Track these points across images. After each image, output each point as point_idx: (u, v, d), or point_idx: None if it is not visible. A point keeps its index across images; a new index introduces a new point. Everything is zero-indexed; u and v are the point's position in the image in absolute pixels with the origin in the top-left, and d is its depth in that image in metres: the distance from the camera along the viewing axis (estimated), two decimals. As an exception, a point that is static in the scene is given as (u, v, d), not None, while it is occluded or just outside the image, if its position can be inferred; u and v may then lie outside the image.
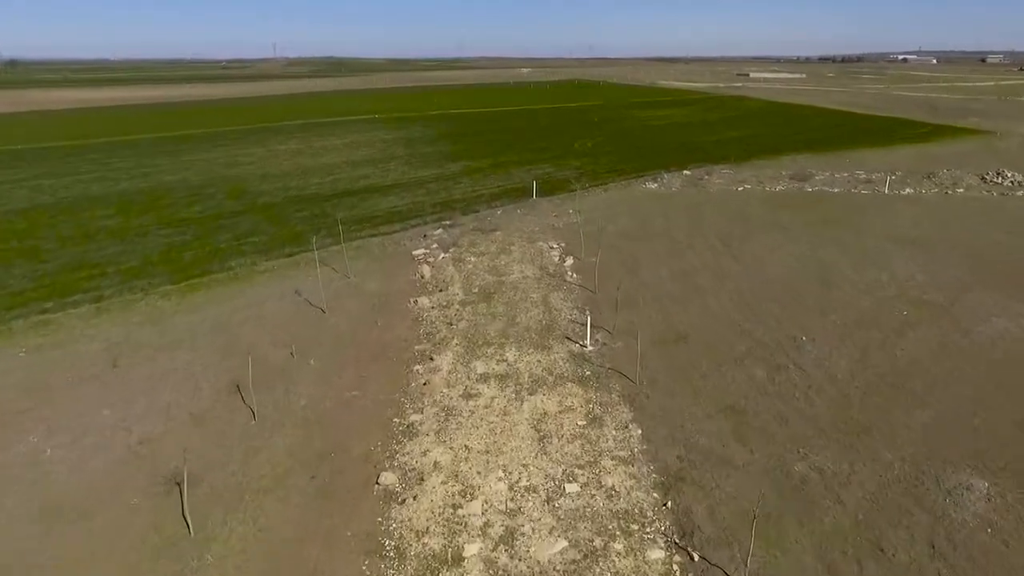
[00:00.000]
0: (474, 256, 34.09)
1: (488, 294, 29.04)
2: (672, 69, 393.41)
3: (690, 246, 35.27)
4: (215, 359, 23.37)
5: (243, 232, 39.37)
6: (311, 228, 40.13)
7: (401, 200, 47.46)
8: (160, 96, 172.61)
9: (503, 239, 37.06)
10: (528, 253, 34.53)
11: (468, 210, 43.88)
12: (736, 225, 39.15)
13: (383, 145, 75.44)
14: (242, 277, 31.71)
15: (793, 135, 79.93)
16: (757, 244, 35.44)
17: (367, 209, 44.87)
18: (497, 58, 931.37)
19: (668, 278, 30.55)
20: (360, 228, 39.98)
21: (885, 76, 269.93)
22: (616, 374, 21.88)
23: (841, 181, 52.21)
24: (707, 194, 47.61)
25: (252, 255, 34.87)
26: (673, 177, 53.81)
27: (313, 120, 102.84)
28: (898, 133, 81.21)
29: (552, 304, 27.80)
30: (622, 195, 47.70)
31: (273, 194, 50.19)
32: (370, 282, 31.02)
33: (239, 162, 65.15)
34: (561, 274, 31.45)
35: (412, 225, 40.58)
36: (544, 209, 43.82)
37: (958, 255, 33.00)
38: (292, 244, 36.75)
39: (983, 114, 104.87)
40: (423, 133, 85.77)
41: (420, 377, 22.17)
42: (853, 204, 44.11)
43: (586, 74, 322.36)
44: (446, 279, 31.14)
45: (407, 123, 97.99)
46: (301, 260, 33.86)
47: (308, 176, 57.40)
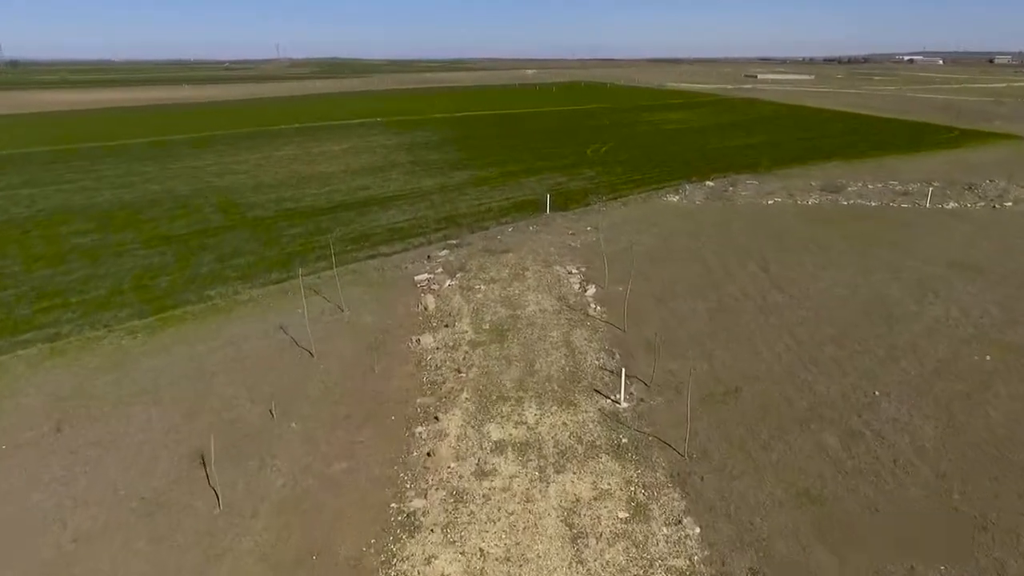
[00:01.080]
0: (484, 283, 30.37)
1: (501, 332, 25.31)
2: (677, 70, 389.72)
3: (725, 271, 31.51)
4: (180, 419, 19.67)
5: (228, 253, 35.69)
6: (303, 248, 36.45)
7: (402, 214, 43.76)
8: (157, 98, 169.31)
9: (516, 262, 33.34)
10: (544, 280, 30.80)
11: (476, 227, 40.16)
12: (772, 245, 35.40)
13: (384, 151, 71.80)
14: (221, 309, 28.01)
15: (814, 141, 76.10)
16: (799, 268, 31.68)
17: (365, 225, 41.18)
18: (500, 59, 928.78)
19: (705, 312, 26.78)
20: (357, 248, 36.28)
21: (895, 77, 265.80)
22: (659, 443, 18.14)
23: (876, 193, 48.42)
24: (735, 208, 43.84)
25: (235, 281, 31.17)
26: (695, 189, 50.03)
27: (312, 124, 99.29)
28: (925, 139, 77.33)
29: (575, 345, 24.06)
30: (643, 210, 43.94)
31: (264, 207, 46.53)
32: (366, 315, 27.32)
33: (231, 170, 61.54)
34: (583, 306, 27.71)
35: (414, 245, 36.87)
36: (559, 226, 40.09)
37: (1031, 284, 29.21)
38: (281, 268, 33.05)
39: (1007, 118, 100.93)
40: (426, 138, 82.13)
41: (423, 443, 18.48)
42: (895, 220, 40.31)
43: (590, 75, 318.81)
44: (453, 312, 27.42)
45: (409, 127, 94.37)
46: (290, 287, 30.15)
47: (303, 186, 53.76)
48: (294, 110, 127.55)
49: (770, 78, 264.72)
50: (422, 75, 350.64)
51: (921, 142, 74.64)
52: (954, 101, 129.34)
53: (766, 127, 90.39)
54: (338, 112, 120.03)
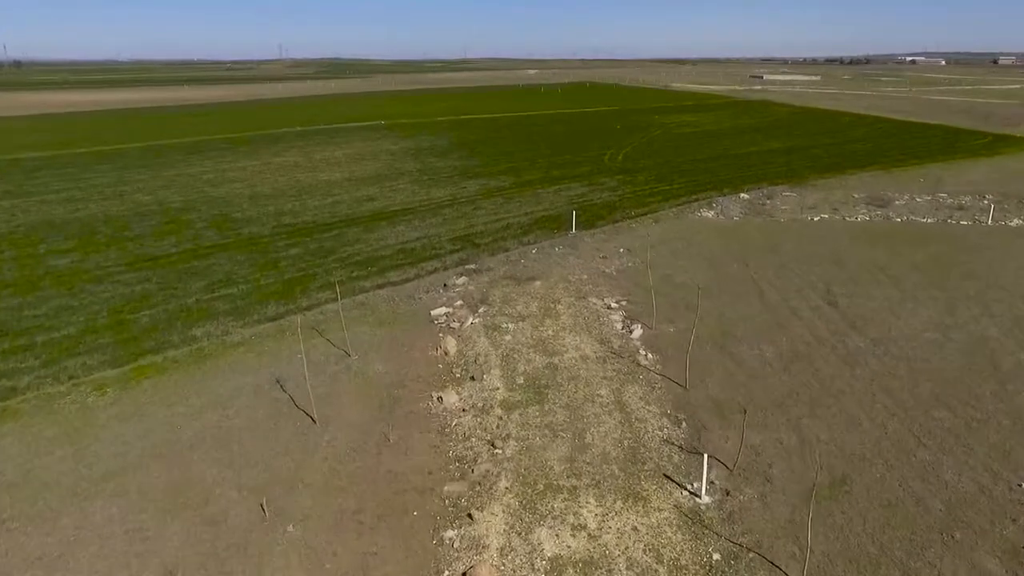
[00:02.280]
0: (511, 321, 26.30)
1: (539, 388, 21.25)
2: (681, 71, 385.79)
3: (787, 306, 27.44)
4: (149, 518, 15.63)
5: (219, 280, 31.64)
6: (303, 274, 32.40)
7: (413, 232, 39.70)
8: (157, 99, 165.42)
9: (545, 293, 29.27)
10: (581, 316, 26.74)
11: (495, 247, 36.11)
12: (832, 273, 31.35)
13: (389, 158, 67.76)
14: (208, 355, 23.94)
15: (842, 147, 72.03)
16: (872, 304, 27.62)
17: (373, 244, 37.12)
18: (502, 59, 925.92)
19: (777, 362, 22.71)
20: (364, 274, 32.22)
21: (902, 79, 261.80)
22: (764, 563, 14.06)
23: (927, 207, 44.39)
24: (779, 226, 39.77)
25: (225, 317, 27.11)
26: (730, 202, 45.97)
27: (314, 127, 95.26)
28: (958, 144, 73.27)
29: (631, 408, 20.00)
30: (678, 227, 39.87)
31: (262, 222, 42.47)
32: (377, 362, 23.27)
33: (228, 178, 57.50)
34: (631, 352, 23.64)
35: (428, 270, 32.81)
36: (588, 247, 36.03)
37: None
38: (278, 299, 28.99)
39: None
40: (433, 143, 78.10)
41: (456, 557, 14.44)
42: (962, 242, 36.27)
43: (593, 76, 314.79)
44: (479, 359, 23.36)
45: (415, 130, 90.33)
46: (288, 325, 26.11)
47: (304, 197, 49.72)
48: (295, 112, 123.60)
49: (777, 79, 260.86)
50: (424, 75, 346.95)
51: (955, 148, 70.59)
52: (976, 104, 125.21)
53: (787, 131, 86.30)
54: (340, 114, 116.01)
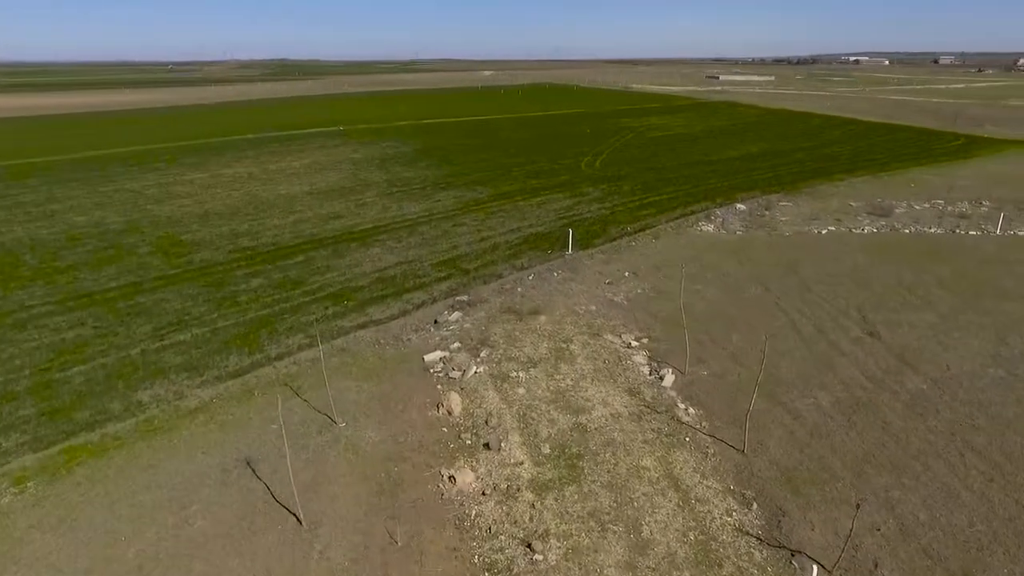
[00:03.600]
0: (521, 368, 22.60)
1: (571, 459, 17.62)
2: (636, 72, 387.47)
3: (826, 339, 24.44)
4: None
5: (169, 322, 27.10)
6: (269, 312, 28.10)
7: (390, 255, 35.63)
8: (94, 104, 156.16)
9: (553, 330, 25.64)
10: (600, 359, 23.20)
11: (486, 273, 32.34)
12: (861, 296, 28.58)
13: (353, 167, 63.25)
14: (158, 428, 19.59)
15: (821, 150, 70.48)
16: (915, 332, 24.86)
17: (346, 272, 32.94)
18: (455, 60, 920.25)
19: (838, 414, 19.57)
20: (340, 310, 28.08)
21: (853, 78, 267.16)
22: None
23: (929, 216, 42.36)
24: (786, 241, 37.02)
25: (178, 374, 22.70)
26: (728, 213, 43.15)
27: (267, 134, 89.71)
28: (934, 147, 72.52)
29: (685, 484, 16.53)
30: (680, 244, 36.74)
31: (215, 246, 37.80)
32: (369, 429, 19.31)
33: (174, 194, 52.31)
34: (667, 406, 20.22)
35: (414, 303, 28.85)
36: (589, 270, 32.57)
37: None
38: (241, 346, 24.68)
39: (996, 121, 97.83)
40: (397, 150, 73.79)
41: None
42: (977, 253, 34.06)
43: (550, 77, 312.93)
44: (491, 420, 19.61)
45: (376, 136, 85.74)
46: (256, 383, 21.91)
47: (262, 214, 45.06)
48: (245, 117, 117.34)
49: (733, 79, 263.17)
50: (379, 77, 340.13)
51: (932, 151, 69.72)
52: (943, 105, 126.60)
53: (761, 134, 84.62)
54: (295, 119, 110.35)
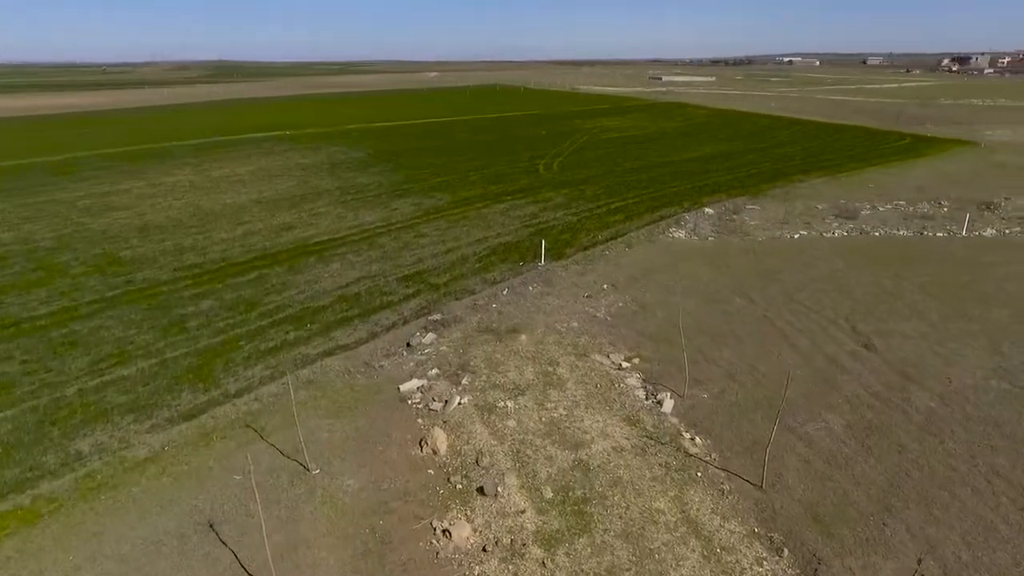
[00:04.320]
0: (507, 397, 20.82)
1: (577, 505, 15.94)
2: (580, 73, 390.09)
3: (823, 355, 23.48)
4: None
5: (109, 353, 24.29)
6: (223, 338, 25.56)
7: (351, 270, 33.33)
8: (17, 108, 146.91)
9: (536, 351, 23.95)
10: (591, 384, 21.62)
11: (457, 289, 30.41)
12: (844, 304, 27.91)
13: (302, 173, 60.26)
14: (102, 484, 17.05)
15: (774, 151, 71.00)
16: (908, 343, 24.17)
17: (305, 291, 30.52)
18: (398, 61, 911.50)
19: (851, 439, 18.48)
20: (303, 335, 25.74)
21: (790, 79, 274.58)
22: None
23: (894, 218, 42.48)
24: (761, 247, 36.29)
25: (123, 417, 20.08)
26: (697, 218, 42.31)
27: (208, 139, 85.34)
28: (883, 146, 73.95)
29: (706, 529, 15.07)
30: (654, 252, 35.57)
31: (159, 264, 34.78)
32: (347, 475, 17.22)
33: (110, 205, 48.56)
34: (671, 436, 18.76)
35: (383, 324, 26.71)
36: (565, 283, 31.01)
37: None
38: (195, 381, 22.14)
39: (935, 120, 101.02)
40: (348, 155, 70.94)
41: None
42: (950, 256, 34.03)
43: (496, 78, 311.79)
44: (482, 459, 17.77)
45: (324, 141, 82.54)
46: (215, 424, 19.51)
47: (209, 227, 42.01)
48: (184, 122, 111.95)
49: (676, 80, 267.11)
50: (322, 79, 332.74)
51: (882, 151, 71.01)
52: (868, 103, 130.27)
53: (712, 135, 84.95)
54: (237, 124, 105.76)
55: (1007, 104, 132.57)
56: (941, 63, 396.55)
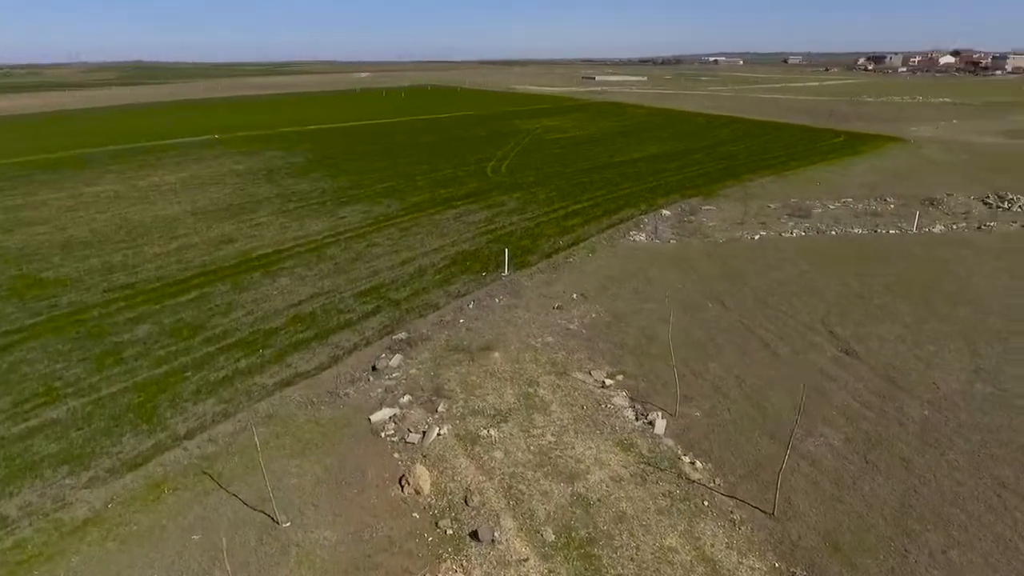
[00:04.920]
0: (489, 424, 19.33)
1: (582, 547, 14.62)
2: (514, 73, 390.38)
3: (806, 361, 22.97)
4: None
5: (35, 393, 21.54)
6: (166, 369, 23.09)
7: (303, 286, 31.09)
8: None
9: (513, 370, 22.52)
10: (577, 406, 20.35)
11: (419, 304, 28.65)
12: (817, 306, 27.63)
13: (238, 180, 56.99)
14: (34, 557, 14.70)
15: (716, 150, 71.72)
16: (887, 347, 23.96)
17: (254, 311, 28.18)
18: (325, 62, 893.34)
19: (852, 454, 17.83)
20: (256, 362, 23.53)
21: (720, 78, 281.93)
22: None
23: (846, 216, 43.01)
24: (723, 249, 35.90)
25: (55, 471, 17.58)
26: (655, 220, 41.76)
27: (132, 145, 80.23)
28: (820, 144, 75.74)
29: (726, 569, 14.07)
30: (619, 258, 34.66)
31: (85, 284, 31.68)
32: (322, 527, 15.40)
33: (25, 220, 44.47)
34: (670, 460, 17.67)
35: (344, 347, 24.74)
36: (531, 293, 29.68)
37: None
38: (138, 423, 19.74)
39: (864, 117, 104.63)
40: (285, 160, 67.74)
41: None
42: (908, 255, 34.45)
43: (429, 78, 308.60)
44: (471, 498, 16.25)
45: (259, 145, 78.81)
46: (164, 473, 17.28)
47: (139, 241, 38.82)
48: (104, 126, 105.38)
49: (609, 79, 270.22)
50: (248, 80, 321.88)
51: (820, 149, 72.68)
52: (799, 101, 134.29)
53: (654, 135, 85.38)
54: (162, 128, 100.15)
55: (924, 101, 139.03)
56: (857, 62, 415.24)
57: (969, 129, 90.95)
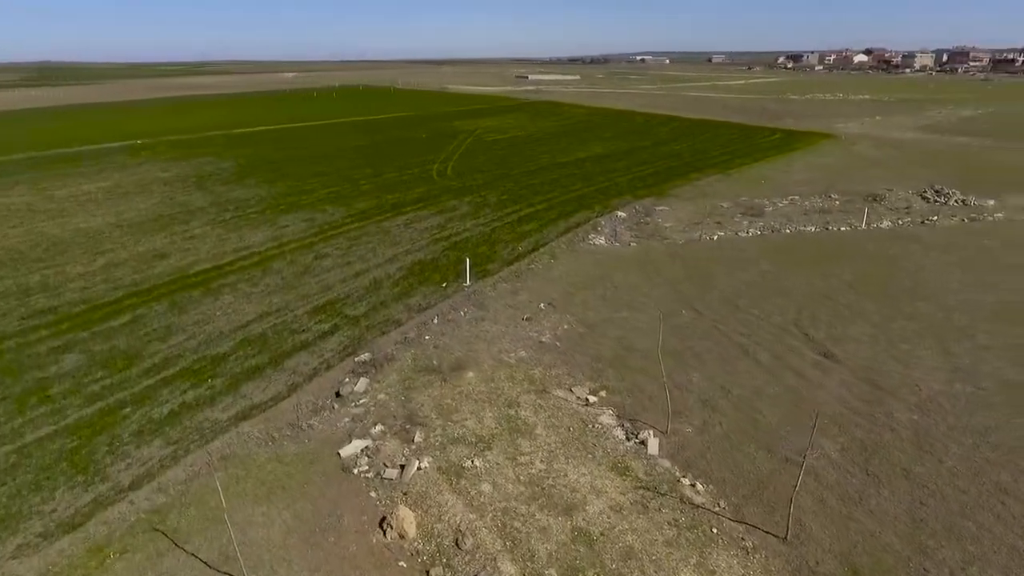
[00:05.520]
0: (473, 453, 17.92)
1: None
2: (445, 73, 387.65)
3: (789, 368, 22.47)
4: None
5: (-56, 444, 18.76)
6: (101, 406, 20.64)
7: (249, 304, 28.82)
8: None
9: (489, 390, 21.15)
10: (563, 427, 19.16)
11: (380, 320, 26.89)
12: (786, 308, 27.40)
13: (166, 189, 53.41)
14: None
15: (659, 149, 72.13)
16: (862, 349, 23.80)
17: (196, 334, 25.81)
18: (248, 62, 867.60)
19: (852, 465, 17.31)
20: (205, 394, 21.35)
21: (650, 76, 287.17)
22: None
23: (796, 213, 43.42)
24: (684, 250, 35.48)
25: (-25, 537, 15.13)
26: (612, 223, 41.08)
27: (44, 152, 74.51)
28: (758, 141, 77.24)
29: (748, 604, 13.00)
30: (581, 263, 33.71)
31: (0, 311, 28.49)
32: (298, 585, 13.63)
33: (-77, 238, 40.08)
34: (670, 484, 16.69)
35: (302, 372, 22.78)
36: (497, 304, 28.35)
37: None
38: (72, 473, 17.40)
39: (794, 115, 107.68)
40: (216, 166, 64.12)
41: None
42: (863, 251, 34.92)
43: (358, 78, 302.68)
44: (463, 540, 14.81)
45: (185, 150, 74.53)
46: (107, 533, 15.13)
47: (60, 259, 35.47)
48: (9, 132, 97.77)
49: (542, 79, 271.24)
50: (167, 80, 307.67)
51: (759, 146, 74.02)
52: (728, 99, 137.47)
53: (597, 134, 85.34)
54: (78, 133, 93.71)
55: (845, 98, 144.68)
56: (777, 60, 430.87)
57: (891, 125, 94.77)
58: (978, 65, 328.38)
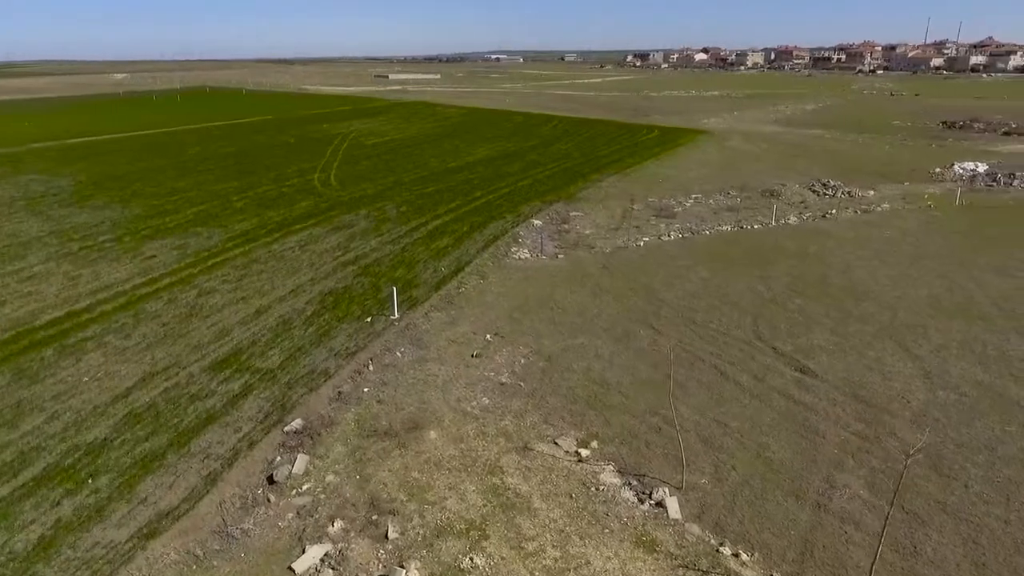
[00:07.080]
0: (469, 548, 14.52)
1: None
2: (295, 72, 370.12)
3: (773, 389, 20.91)
4: None
5: None
6: (-62, 542, 14.97)
7: (125, 364, 23.26)
8: None
9: (460, 454, 17.72)
10: (563, 496, 16.19)
11: (301, 372, 22.47)
12: (739, 319, 26.14)
13: (-13, 217, 44.38)
14: None
15: (548, 150, 70.95)
16: (835, 360, 22.84)
17: (58, 413, 20.17)
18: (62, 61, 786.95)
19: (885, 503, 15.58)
20: (87, 499, 16.24)
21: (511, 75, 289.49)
22: None
23: (706, 213, 43.19)
24: (615, 260, 33.62)
25: None
26: (531, 234, 38.55)
27: None
28: (641, 139, 78.13)
29: None
30: (514, 281, 30.77)
31: None
32: None
33: None
34: (709, 556, 14.29)
35: (218, 454, 18.11)
36: (437, 339, 24.76)
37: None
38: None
39: (661, 112, 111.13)
40: (51, 185, 54.75)
41: None
42: (784, 252, 34.81)
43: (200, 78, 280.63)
44: None
45: (8, 166, 63.40)
46: None
47: None
48: None
49: (403, 78, 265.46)
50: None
51: (643, 143, 74.82)
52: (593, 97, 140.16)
53: (480, 135, 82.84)
54: None
55: (699, 95, 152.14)
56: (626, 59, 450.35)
57: (750, 119, 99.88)
58: (801, 62, 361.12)
